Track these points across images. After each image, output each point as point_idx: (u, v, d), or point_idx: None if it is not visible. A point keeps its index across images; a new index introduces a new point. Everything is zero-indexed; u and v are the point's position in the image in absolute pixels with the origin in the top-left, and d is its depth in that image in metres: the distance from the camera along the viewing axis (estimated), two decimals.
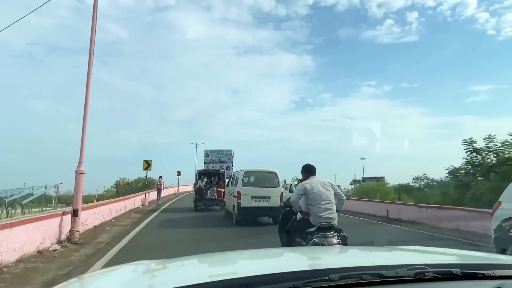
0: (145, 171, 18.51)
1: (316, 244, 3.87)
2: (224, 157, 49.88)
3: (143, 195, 18.84)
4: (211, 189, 15.55)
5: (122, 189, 37.88)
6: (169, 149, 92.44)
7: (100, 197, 37.31)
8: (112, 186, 42.72)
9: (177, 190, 33.27)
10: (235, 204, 10.13)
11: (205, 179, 16.38)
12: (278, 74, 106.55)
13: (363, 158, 61.67)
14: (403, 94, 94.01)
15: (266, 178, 10.53)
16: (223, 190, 15.17)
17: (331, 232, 3.99)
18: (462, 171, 16.93)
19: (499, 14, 78.13)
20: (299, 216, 4.40)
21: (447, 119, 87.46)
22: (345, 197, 4.53)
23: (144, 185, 40.35)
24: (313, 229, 4.03)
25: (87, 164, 7.98)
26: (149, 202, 19.05)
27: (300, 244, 4.11)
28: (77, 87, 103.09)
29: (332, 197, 4.25)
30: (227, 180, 14.80)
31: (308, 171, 4.51)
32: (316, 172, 4.51)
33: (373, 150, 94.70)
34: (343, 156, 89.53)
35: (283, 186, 12.20)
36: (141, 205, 17.62)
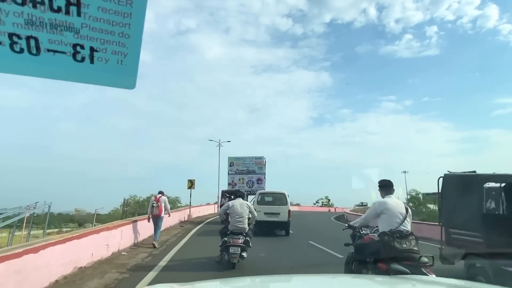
0: (190, 189, 19.72)
1: (225, 241, 6.42)
2: (254, 166, 41.74)
3: None
4: None
5: (132, 209, 31.60)
6: (190, 167, 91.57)
7: (102, 218, 31.23)
8: (120, 205, 36.69)
9: (188, 215, 18.43)
10: None
11: (227, 198, 17.37)
12: (295, 91, 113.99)
13: (405, 172, 57.21)
14: (425, 109, 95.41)
15: (276, 198, 13.11)
16: None
17: (239, 236, 6.48)
18: None
19: None
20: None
21: (472, 133, 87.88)
22: (256, 215, 7.13)
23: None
24: (229, 232, 6.60)
25: (105, 183, 3.34)
26: (136, 244, 9.56)
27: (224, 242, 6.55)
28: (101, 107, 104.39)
29: (245, 214, 6.74)
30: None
31: (234, 194, 8.32)
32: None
33: (396, 165, 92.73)
34: (361, 171, 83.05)
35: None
36: None
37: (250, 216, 6.91)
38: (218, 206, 28.83)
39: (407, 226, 3.76)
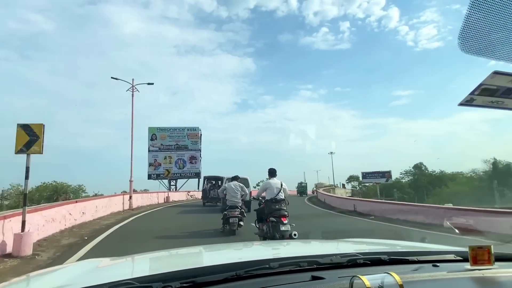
0: (24, 154, 6.86)
1: (226, 215, 8.21)
2: (186, 139, 31.05)
3: None
4: (213, 190, 19.22)
5: (14, 203, 24.41)
6: (101, 153, 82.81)
7: None
8: None
9: (17, 239, 6.13)
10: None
11: (210, 183, 20.68)
12: (220, 75, 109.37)
13: (331, 153, 59.38)
14: (337, 98, 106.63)
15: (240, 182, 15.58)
16: None
17: (235, 209, 8.21)
18: None
19: (417, 28, 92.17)
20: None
21: (374, 120, 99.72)
22: (247, 193, 9.35)
23: (55, 193, 26.22)
24: (227, 207, 8.37)
25: None
26: None
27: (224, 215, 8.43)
28: None
29: (238, 192, 8.52)
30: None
31: (232, 179, 9.14)
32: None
33: (313, 149, 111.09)
34: (285, 155, 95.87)
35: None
36: None
37: (243, 193, 8.68)
38: (164, 194, 19.30)
39: (281, 195, 6.34)
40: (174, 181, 31.53)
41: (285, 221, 5.99)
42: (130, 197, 18.22)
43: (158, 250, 2.07)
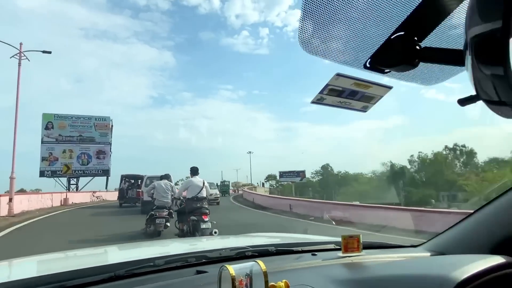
0: None
1: (152, 215, 7.60)
2: (93, 131, 26.40)
3: None
4: (132, 190, 18.81)
5: None
6: None
7: None
8: None
9: None
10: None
11: (128, 182, 19.92)
12: (134, 66, 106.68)
13: (250, 152, 61.02)
14: (254, 100, 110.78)
15: None
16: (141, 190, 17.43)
17: (164, 209, 7.68)
18: None
19: None
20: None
21: (287, 124, 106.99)
22: (176, 192, 7.91)
23: None
24: (155, 207, 7.76)
25: None
26: None
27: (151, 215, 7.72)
28: None
29: (168, 191, 8.01)
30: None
31: (163, 177, 8.50)
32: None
33: (231, 149, 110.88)
34: (203, 154, 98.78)
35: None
36: None
37: (173, 193, 8.07)
38: (61, 195, 15.68)
39: (203, 193, 6.52)
40: (75, 179, 26.49)
41: (206, 219, 6.15)
42: (11, 200, 13.90)
43: (41, 254, 1.74)
